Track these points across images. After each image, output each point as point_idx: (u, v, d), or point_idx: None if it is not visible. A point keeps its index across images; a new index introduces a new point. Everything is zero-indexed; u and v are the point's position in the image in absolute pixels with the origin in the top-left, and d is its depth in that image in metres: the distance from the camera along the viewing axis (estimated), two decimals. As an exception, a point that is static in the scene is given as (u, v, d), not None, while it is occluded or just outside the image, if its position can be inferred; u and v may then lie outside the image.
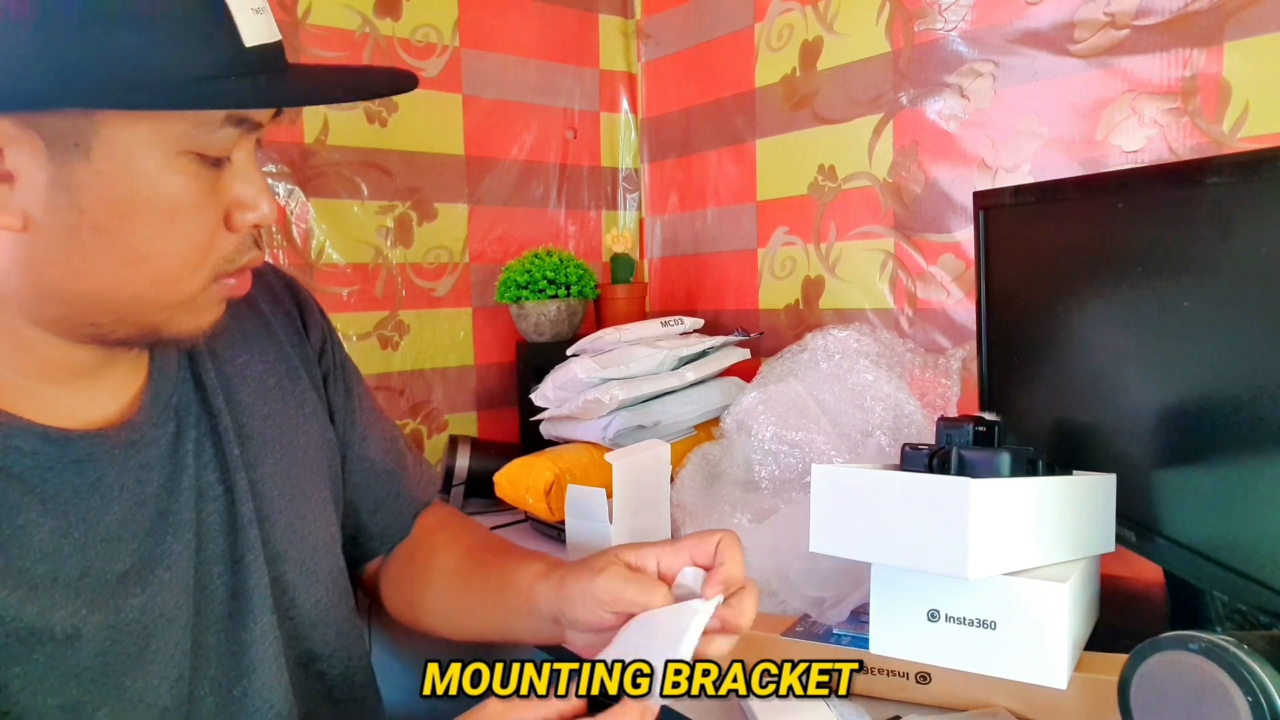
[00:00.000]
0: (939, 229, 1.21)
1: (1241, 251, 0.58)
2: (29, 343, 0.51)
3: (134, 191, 0.47)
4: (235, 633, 0.59)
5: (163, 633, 0.54)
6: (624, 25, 1.72)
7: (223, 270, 0.53)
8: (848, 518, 0.60)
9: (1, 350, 0.51)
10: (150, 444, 0.56)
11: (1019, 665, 0.57)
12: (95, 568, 0.51)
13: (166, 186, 0.48)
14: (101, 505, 0.52)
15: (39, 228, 0.46)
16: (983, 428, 0.67)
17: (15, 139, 0.44)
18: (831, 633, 0.72)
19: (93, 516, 0.52)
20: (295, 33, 1.30)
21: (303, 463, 0.67)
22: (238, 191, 0.51)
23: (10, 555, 0.48)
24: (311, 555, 0.66)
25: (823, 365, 0.98)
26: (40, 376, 0.52)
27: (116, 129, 0.45)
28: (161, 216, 0.48)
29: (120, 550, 0.53)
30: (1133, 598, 0.82)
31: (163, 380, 0.58)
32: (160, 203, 0.48)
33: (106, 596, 0.51)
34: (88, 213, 0.46)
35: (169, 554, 0.55)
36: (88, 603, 0.50)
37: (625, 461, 0.82)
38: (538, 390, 1.22)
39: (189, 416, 0.59)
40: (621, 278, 1.57)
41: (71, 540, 0.50)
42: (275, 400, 0.66)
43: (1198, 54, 0.93)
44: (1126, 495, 0.69)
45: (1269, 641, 0.43)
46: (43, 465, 0.50)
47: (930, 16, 1.18)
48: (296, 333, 0.70)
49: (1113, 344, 0.73)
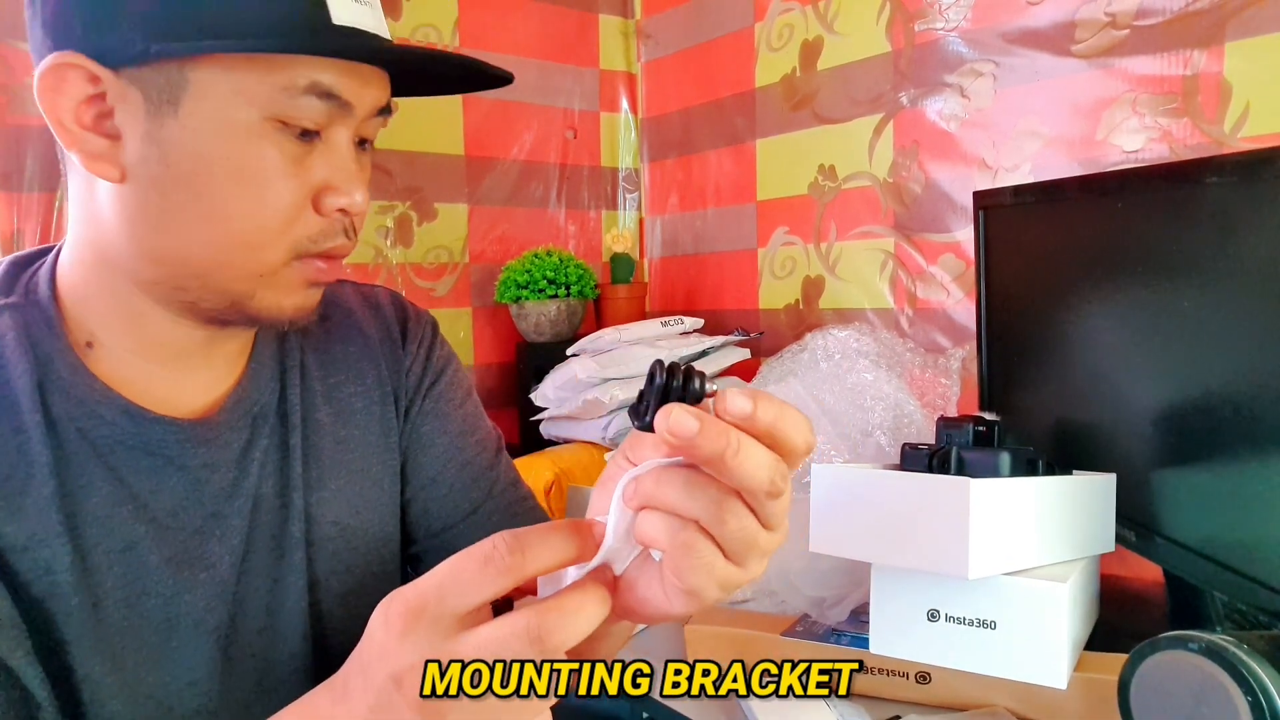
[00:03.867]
0: (939, 229, 1.21)
1: (1241, 251, 0.58)
2: (139, 315, 0.53)
3: (216, 149, 0.48)
4: (264, 651, 0.58)
5: (189, 633, 0.54)
6: (624, 25, 1.72)
7: (305, 249, 0.52)
8: (848, 517, 0.59)
9: (114, 320, 0.53)
10: (221, 446, 0.56)
11: (1019, 665, 0.57)
12: (140, 547, 0.52)
13: (248, 149, 0.48)
14: (158, 490, 0.53)
15: (133, 180, 0.48)
16: (983, 428, 0.67)
17: (122, 95, 0.47)
18: (831, 633, 0.73)
19: (148, 498, 0.53)
20: (295, 32, 1.30)
21: (371, 491, 0.64)
22: (328, 174, 0.51)
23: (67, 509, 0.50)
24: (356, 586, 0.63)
25: (823, 365, 0.98)
26: (143, 353, 0.54)
27: (205, 85, 0.47)
28: (242, 178, 0.49)
29: (166, 538, 0.53)
30: (1133, 598, 0.82)
31: (251, 387, 0.59)
32: (241, 164, 0.49)
33: (138, 577, 0.52)
34: (172, 167, 0.48)
35: (210, 556, 0.55)
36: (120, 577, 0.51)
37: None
38: (538, 390, 1.22)
39: (264, 426, 0.59)
40: (621, 278, 1.57)
41: (123, 513, 0.52)
42: (357, 425, 0.64)
43: (1198, 54, 0.93)
44: (1126, 495, 0.69)
45: (1269, 641, 0.43)
46: (115, 437, 0.52)
47: (930, 16, 1.18)
48: (397, 359, 0.68)
49: (1113, 344, 0.73)
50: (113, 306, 0.53)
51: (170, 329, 0.54)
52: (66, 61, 0.46)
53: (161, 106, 0.47)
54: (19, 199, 1.11)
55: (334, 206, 0.52)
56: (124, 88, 0.47)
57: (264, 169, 0.49)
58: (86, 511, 0.50)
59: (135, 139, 0.48)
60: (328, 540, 0.62)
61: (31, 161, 1.11)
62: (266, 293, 0.52)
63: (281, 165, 0.49)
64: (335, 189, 0.52)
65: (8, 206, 1.10)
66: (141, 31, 0.45)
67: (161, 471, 0.53)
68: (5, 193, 1.10)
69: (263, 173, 0.49)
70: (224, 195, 0.49)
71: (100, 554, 0.51)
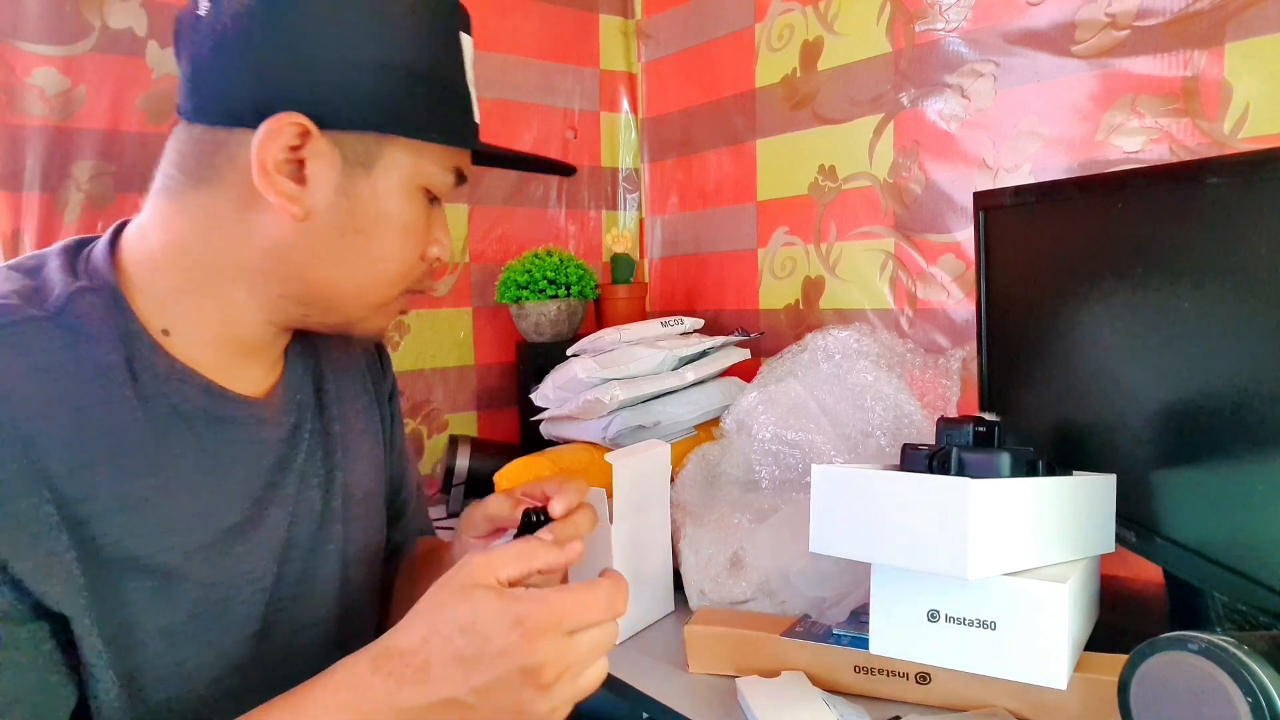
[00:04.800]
0: (939, 229, 1.21)
1: (1241, 251, 0.58)
2: (235, 311, 0.61)
3: (391, 208, 0.61)
4: (295, 614, 0.65)
5: (246, 590, 0.60)
6: (624, 25, 1.72)
7: (411, 287, 0.66)
8: (848, 518, 0.60)
9: (199, 314, 0.60)
10: (276, 425, 0.65)
11: (1019, 665, 0.57)
12: (215, 513, 0.59)
13: (409, 209, 0.62)
14: (229, 463, 0.61)
15: (317, 221, 0.58)
16: (983, 428, 0.67)
17: (321, 153, 0.57)
18: (831, 633, 0.73)
19: (222, 471, 0.60)
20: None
21: (375, 481, 0.76)
22: (435, 230, 0.65)
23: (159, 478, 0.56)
24: (372, 561, 0.75)
25: (823, 365, 0.98)
26: (218, 343, 0.61)
27: (394, 158, 0.60)
28: (400, 232, 0.62)
29: (234, 505, 0.61)
30: (1132, 598, 0.82)
31: (293, 380, 0.69)
32: (405, 221, 0.62)
33: (212, 541, 0.58)
34: (357, 217, 0.59)
35: (268, 520, 0.63)
36: (198, 543, 0.57)
37: (625, 462, 0.82)
38: (538, 390, 1.22)
39: (307, 413, 0.69)
40: (621, 278, 1.57)
41: (204, 482, 0.59)
42: (361, 423, 0.75)
43: (1198, 55, 0.93)
44: (1126, 495, 0.70)
45: (1269, 642, 0.43)
46: (196, 411, 0.59)
47: (931, 17, 1.18)
48: (376, 376, 0.81)
49: (1113, 344, 0.73)
50: (201, 303, 0.60)
51: (255, 328, 0.62)
52: (292, 121, 0.55)
53: (356, 168, 0.58)
54: (19, 199, 1.11)
55: (434, 255, 0.66)
56: (327, 146, 0.57)
57: (416, 226, 0.63)
58: (179, 479, 0.57)
59: (326, 189, 0.58)
60: (357, 518, 0.72)
61: (32, 161, 1.11)
62: (375, 318, 0.65)
63: (420, 223, 0.63)
64: (438, 242, 0.66)
65: (8, 206, 1.10)
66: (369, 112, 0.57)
67: (234, 444, 0.61)
68: (5, 193, 1.10)
69: (414, 229, 0.63)
70: (385, 244, 0.61)
71: (184, 518, 0.57)
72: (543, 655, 0.48)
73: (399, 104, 0.58)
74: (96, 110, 1.15)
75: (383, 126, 0.58)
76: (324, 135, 0.57)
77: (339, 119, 0.57)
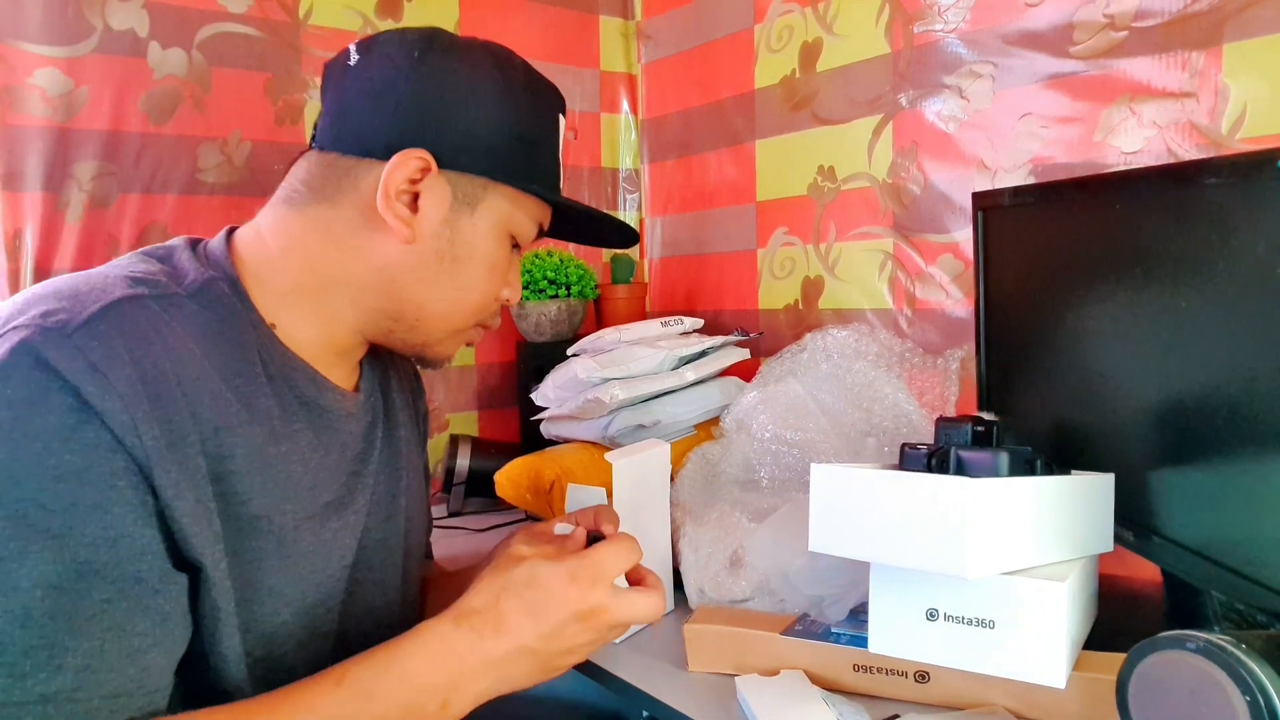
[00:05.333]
0: (938, 229, 1.21)
1: (1241, 251, 0.58)
2: (335, 316, 0.68)
3: (485, 246, 0.69)
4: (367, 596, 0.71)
5: (334, 564, 0.67)
6: (624, 26, 1.73)
7: (482, 320, 0.74)
8: (847, 517, 0.60)
9: (314, 314, 0.67)
10: (359, 419, 0.73)
11: (1018, 664, 0.57)
12: (319, 488, 0.66)
13: (498, 250, 0.71)
14: (328, 446, 0.68)
15: (422, 246, 0.67)
16: (981, 428, 0.67)
17: (434, 187, 0.66)
18: (831, 631, 0.73)
19: (322, 452, 0.67)
20: (296, 33, 1.31)
21: (422, 487, 0.85)
22: (511, 274, 0.74)
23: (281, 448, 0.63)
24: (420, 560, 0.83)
25: (822, 365, 0.98)
26: (318, 342, 0.68)
27: (495, 202, 0.69)
28: (487, 267, 0.70)
29: (332, 483, 0.67)
30: (1131, 597, 0.82)
31: (366, 386, 0.75)
32: (493, 259, 0.71)
33: (315, 514, 0.65)
34: (457, 248, 0.68)
35: (356, 501, 0.70)
36: (306, 513, 0.64)
37: (625, 461, 0.82)
38: (538, 390, 1.22)
39: (379, 414, 0.76)
40: (621, 278, 1.57)
41: (314, 459, 0.66)
42: (409, 433, 0.82)
43: (1197, 56, 0.93)
44: (1125, 495, 0.70)
45: (1267, 641, 0.43)
46: (307, 396, 0.67)
47: (929, 18, 1.19)
48: (417, 395, 0.88)
49: (1111, 344, 0.73)
50: (309, 304, 0.67)
51: (348, 336, 0.70)
52: (418, 155, 0.64)
53: (462, 206, 0.67)
54: (21, 199, 1.11)
55: (505, 296, 0.74)
56: (441, 183, 0.66)
57: (500, 266, 0.71)
58: (297, 453, 0.64)
59: (434, 219, 0.66)
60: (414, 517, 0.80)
61: (33, 162, 1.11)
62: (447, 343, 0.73)
63: (502, 264, 0.72)
64: (511, 285, 0.75)
65: (10, 207, 1.10)
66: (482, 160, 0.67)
67: (331, 429, 0.68)
68: (6, 193, 1.10)
69: (498, 268, 0.71)
70: (473, 276, 0.70)
71: (298, 488, 0.63)
72: (595, 600, 0.59)
73: (507, 158, 0.68)
74: (98, 111, 1.15)
75: (491, 173, 0.68)
76: (441, 174, 0.66)
77: (456, 162, 0.66)
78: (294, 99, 1.31)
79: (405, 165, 0.64)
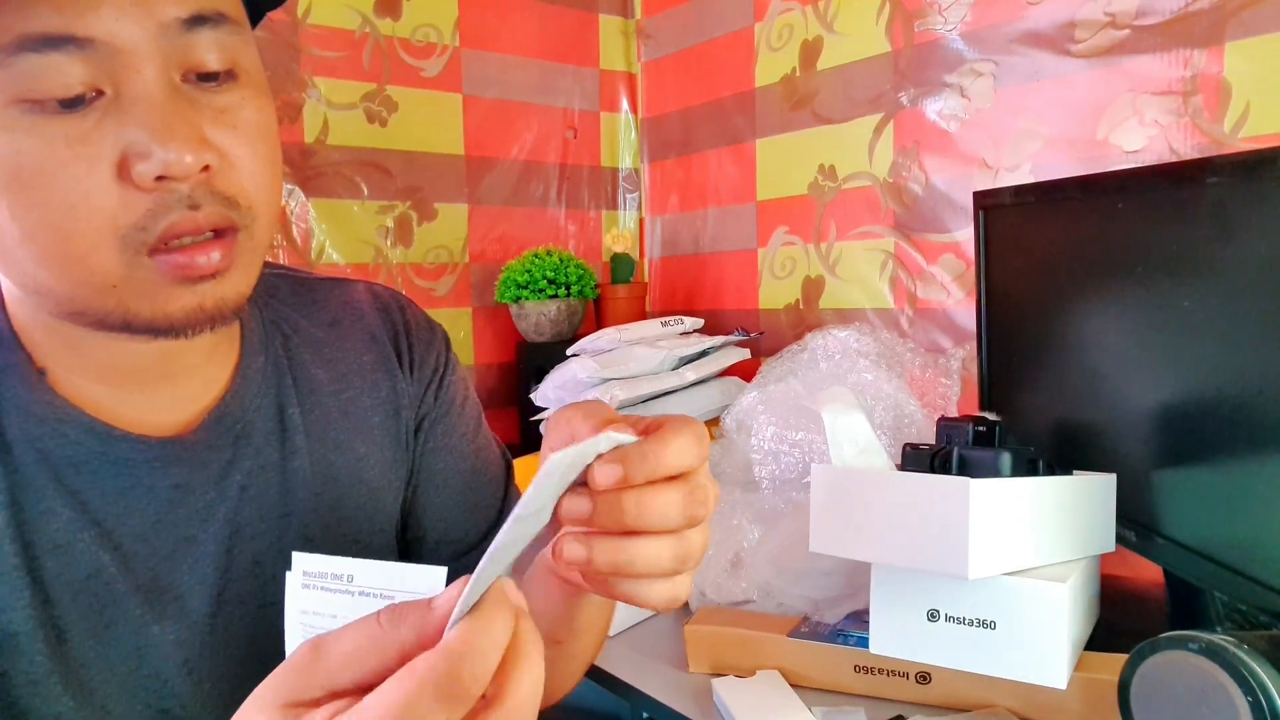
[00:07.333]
0: (939, 229, 1.21)
1: (1241, 251, 0.58)
2: (76, 341, 0.47)
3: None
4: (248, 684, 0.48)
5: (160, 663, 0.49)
6: (624, 25, 1.72)
7: (140, 240, 0.41)
8: (848, 517, 0.60)
9: (57, 348, 0.47)
10: (197, 465, 0.51)
11: (1019, 665, 0.57)
12: (104, 575, 0.47)
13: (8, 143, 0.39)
14: (125, 514, 0.48)
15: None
16: (983, 427, 0.67)
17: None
18: (832, 632, 0.73)
19: (113, 523, 0.48)
20: (295, 32, 1.30)
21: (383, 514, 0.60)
22: (123, 137, 0.40)
23: (24, 539, 0.46)
24: None
25: (823, 365, 0.98)
26: (94, 377, 0.48)
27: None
28: (14, 186, 0.40)
29: (133, 565, 0.48)
30: (1133, 598, 0.82)
31: (235, 403, 0.53)
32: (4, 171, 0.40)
33: (105, 607, 0.47)
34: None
35: (179, 586, 0.50)
36: (85, 608, 0.47)
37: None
38: (538, 390, 1.22)
39: (248, 447, 0.53)
40: (621, 278, 1.57)
41: (84, 540, 0.47)
42: (374, 440, 0.59)
43: (1198, 54, 0.93)
44: (1126, 495, 0.69)
45: (1269, 641, 0.43)
46: (78, 458, 0.47)
47: (930, 16, 1.18)
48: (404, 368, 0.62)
49: (1113, 344, 0.73)
50: (49, 336, 0.47)
51: (111, 350, 0.47)
52: None
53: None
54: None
55: (145, 176, 0.40)
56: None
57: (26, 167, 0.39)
58: (46, 540, 0.46)
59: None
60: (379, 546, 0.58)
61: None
62: (136, 303, 0.43)
63: (47, 153, 0.39)
64: (138, 154, 0.40)
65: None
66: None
67: (129, 494, 0.48)
68: None
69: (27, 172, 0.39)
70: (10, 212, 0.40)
71: (61, 585, 0.46)
72: None
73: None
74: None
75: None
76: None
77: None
78: (292, 98, 1.31)
79: None
